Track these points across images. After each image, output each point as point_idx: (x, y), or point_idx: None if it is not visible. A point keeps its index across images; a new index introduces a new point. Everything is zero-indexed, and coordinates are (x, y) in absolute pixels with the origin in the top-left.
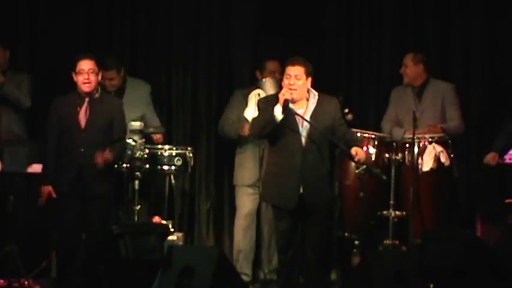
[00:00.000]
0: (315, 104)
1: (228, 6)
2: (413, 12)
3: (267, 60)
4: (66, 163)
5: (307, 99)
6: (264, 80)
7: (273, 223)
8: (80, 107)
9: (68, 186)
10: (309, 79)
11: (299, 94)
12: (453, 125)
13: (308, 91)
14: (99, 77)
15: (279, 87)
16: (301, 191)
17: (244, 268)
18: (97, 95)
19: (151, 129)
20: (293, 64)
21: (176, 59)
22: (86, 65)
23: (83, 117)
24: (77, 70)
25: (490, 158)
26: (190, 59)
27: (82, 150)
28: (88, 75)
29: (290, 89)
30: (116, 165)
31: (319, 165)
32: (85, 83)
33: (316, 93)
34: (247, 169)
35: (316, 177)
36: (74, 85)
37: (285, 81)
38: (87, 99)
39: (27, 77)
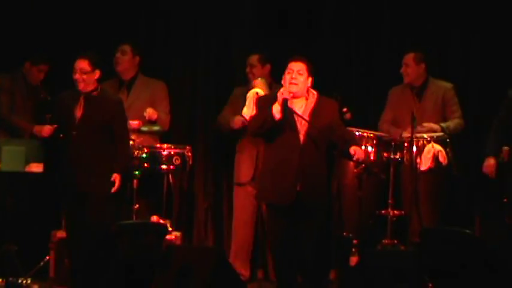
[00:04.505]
0: (313, 104)
1: (226, 4)
2: (411, 11)
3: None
4: (64, 160)
5: (307, 99)
6: (258, 79)
7: (268, 223)
8: (76, 104)
9: (66, 185)
10: (310, 78)
11: (300, 89)
12: (454, 122)
13: (308, 91)
14: (96, 76)
15: (269, 88)
16: (299, 188)
17: (240, 267)
18: (95, 93)
19: (146, 128)
20: (296, 60)
21: (174, 59)
22: (79, 65)
23: (77, 114)
24: (74, 68)
25: (488, 166)
26: (188, 58)
27: (75, 146)
28: (79, 75)
29: (291, 83)
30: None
31: (317, 164)
32: (76, 82)
33: (316, 93)
34: (244, 167)
35: (313, 176)
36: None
37: (287, 76)
38: (82, 97)
39: None
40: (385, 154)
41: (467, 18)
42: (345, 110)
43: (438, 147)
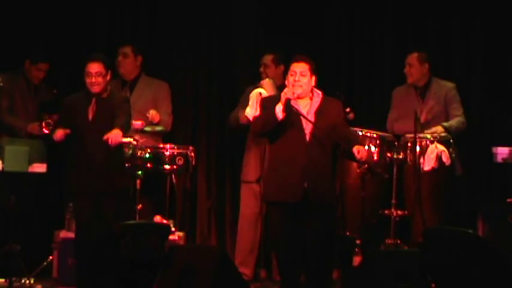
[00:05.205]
0: (318, 103)
1: (229, 4)
2: (414, 10)
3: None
4: (76, 162)
5: (311, 98)
6: (266, 80)
7: (272, 222)
8: (88, 106)
9: (80, 185)
10: (313, 77)
11: (304, 90)
12: (456, 121)
13: (312, 90)
14: (108, 78)
15: (277, 90)
16: (306, 185)
17: (244, 267)
18: (105, 95)
19: (149, 129)
20: (298, 61)
21: (176, 58)
22: (93, 68)
23: (90, 116)
24: (86, 72)
25: None
26: (190, 57)
27: (90, 148)
28: (95, 78)
29: (295, 85)
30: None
31: (322, 163)
32: (92, 85)
33: (320, 93)
34: (252, 166)
35: (320, 175)
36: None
37: (290, 78)
38: (94, 99)
39: None
40: (389, 154)
41: (469, 17)
42: (347, 109)
43: (441, 147)
